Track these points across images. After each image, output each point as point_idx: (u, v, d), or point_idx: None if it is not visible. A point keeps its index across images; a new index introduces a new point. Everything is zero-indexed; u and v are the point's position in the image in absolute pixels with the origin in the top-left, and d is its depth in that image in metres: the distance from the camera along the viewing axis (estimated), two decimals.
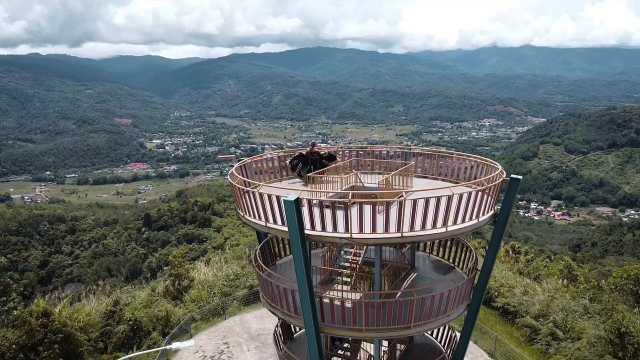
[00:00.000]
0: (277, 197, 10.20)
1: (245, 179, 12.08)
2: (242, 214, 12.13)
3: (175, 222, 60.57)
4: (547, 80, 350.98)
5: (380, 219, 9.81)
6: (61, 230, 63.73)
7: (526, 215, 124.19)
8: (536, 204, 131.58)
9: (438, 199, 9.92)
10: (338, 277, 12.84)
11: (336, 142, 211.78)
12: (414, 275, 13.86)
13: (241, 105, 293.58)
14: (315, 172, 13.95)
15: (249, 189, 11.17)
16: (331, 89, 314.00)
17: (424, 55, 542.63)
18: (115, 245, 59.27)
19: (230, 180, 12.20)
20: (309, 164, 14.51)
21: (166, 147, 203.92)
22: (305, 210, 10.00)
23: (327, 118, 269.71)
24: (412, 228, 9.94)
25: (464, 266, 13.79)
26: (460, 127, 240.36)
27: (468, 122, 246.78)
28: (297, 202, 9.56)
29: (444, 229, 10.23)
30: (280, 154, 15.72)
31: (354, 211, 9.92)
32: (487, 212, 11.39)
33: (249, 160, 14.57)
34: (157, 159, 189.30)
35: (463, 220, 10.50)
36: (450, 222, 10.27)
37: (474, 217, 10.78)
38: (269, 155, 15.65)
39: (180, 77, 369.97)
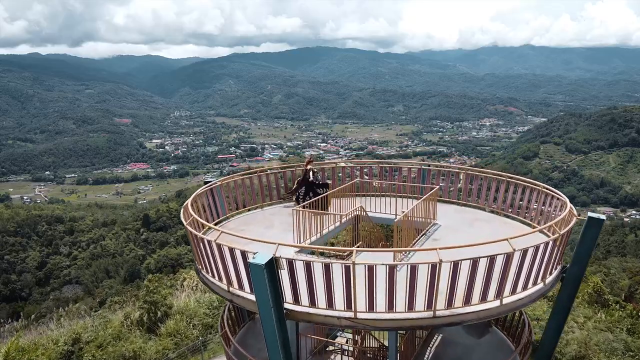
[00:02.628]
0: (243, 254, 7.38)
1: (200, 218, 9.24)
2: (199, 267, 9.22)
3: (174, 223, 60.15)
4: (547, 79, 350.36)
5: (400, 286, 6.93)
6: (59, 231, 63.35)
7: (526, 215, 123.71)
8: (537, 204, 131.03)
9: (491, 259, 7.05)
10: (336, 346, 10.60)
11: (336, 142, 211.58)
12: (438, 338, 10.80)
13: (241, 105, 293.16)
14: (305, 201, 11.77)
15: (201, 235, 8.35)
16: (331, 88, 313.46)
17: (424, 55, 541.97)
18: (113, 246, 58.88)
19: (183, 219, 9.36)
20: (304, 189, 12.55)
21: (166, 147, 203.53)
22: (285, 272, 7.04)
23: (327, 118, 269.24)
24: (450, 303, 7.09)
25: (513, 338, 10.62)
26: (461, 126, 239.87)
27: (468, 121, 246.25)
28: (273, 264, 6.86)
29: (497, 303, 7.38)
30: (260, 171, 13.53)
31: (360, 272, 6.84)
32: (555, 269, 8.65)
33: (219, 183, 11.95)
34: (156, 159, 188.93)
35: (525, 287, 7.72)
36: (507, 291, 7.44)
37: (539, 279, 8.00)
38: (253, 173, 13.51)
39: (180, 77, 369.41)
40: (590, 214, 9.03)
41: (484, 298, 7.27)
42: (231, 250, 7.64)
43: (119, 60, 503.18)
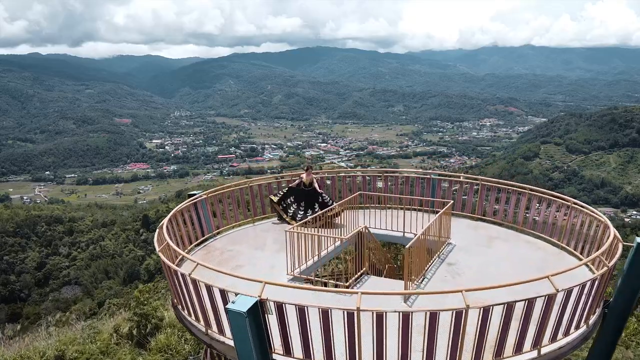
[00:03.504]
0: (222, 294, 6.26)
1: (175, 245, 7.97)
2: (175, 301, 8.17)
3: None
4: (547, 79, 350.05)
5: (417, 339, 5.74)
6: (59, 231, 63.21)
7: (527, 215, 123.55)
8: (538, 205, 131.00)
9: (530, 302, 5.93)
10: None
11: (336, 142, 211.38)
12: None
13: (241, 105, 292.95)
14: (302, 219, 10.68)
15: (174, 266, 7.25)
16: (331, 88, 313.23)
17: (425, 55, 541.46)
18: (112, 246, 58.74)
19: (156, 245, 8.28)
20: (301, 200, 11.55)
21: (166, 147, 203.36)
22: (271, 318, 5.87)
23: (327, 118, 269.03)
24: (478, 356, 5.95)
25: None
26: (461, 126, 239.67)
27: (469, 122, 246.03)
28: (257, 310, 5.73)
29: (534, 354, 6.27)
30: (251, 181, 12.32)
31: (366, 321, 5.66)
32: (597, 307, 7.44)
33: (204, 196, 10.81)
34: (156, 159, 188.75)
35: (567, 332, 6.61)
36: (545, 338, 6.33)
37: (582, 321, 6.85)
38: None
39: (181, 77, 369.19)
40: (638, 239, 7.74)
41: (518, 349, 6.09)
42: (208, 287, 6.42)
43: (119, 60, 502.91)
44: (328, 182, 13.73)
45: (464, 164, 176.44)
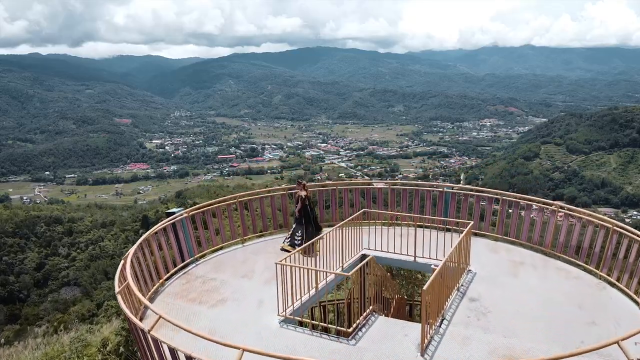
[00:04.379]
0: None
1: (142, 296, 6.48)
2: (139, 355, 7.25)
3: None
4: (547, 80, 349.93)
5: None
6: (58, 231, 63.09)
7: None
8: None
9: None
10: None
11: (336, 142, 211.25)
12: None
13: (241, 105, 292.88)
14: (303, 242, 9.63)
15: (134, 319, 5.96)
16: (331, 88, 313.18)
17: (425, 55, 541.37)
18: (112, 247, 58.63)
19: (116, 285, 6.95)
20: (308, 221, 10.35)
21: (166, 147, 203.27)
22: None
23: (327, 118, 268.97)
24: None
25: None
26: (461, 127, 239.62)
27: (469, 122, 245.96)
28: None
29: None
30: (240, 196, 10.97)
31: None
32: None
33: (185, 215, 9.66)
34: (156, 159, 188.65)
35: None
36: None
37: None
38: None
39: (181, 77, 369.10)
40: None
41: None
42: (172, 351, 5.21)
43: (119, 60, 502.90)
44: (326, 196, 12.53)
45: (464, 164, 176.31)
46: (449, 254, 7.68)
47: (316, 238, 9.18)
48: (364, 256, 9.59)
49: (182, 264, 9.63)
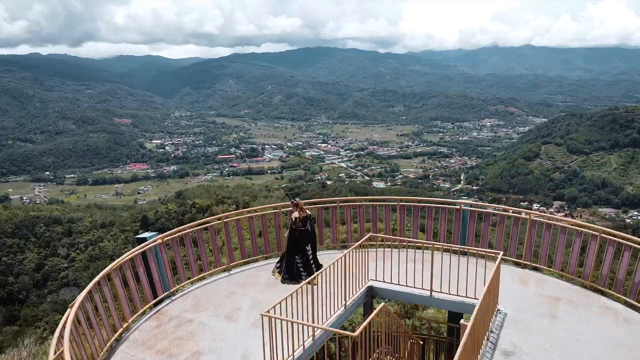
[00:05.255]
0: None
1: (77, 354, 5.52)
2: None
3: (172, 225, 59.74)
4: (548, 80, 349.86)
5: None
6: (57, 232, 62.96)
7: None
8: (538, 205, 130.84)
9: None
10: None
11: (337, 142, 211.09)
12: None
13: (241, 105, 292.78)
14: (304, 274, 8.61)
15: None
16: (332, 88, 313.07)
17: (425, 55, 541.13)
18: (111, 248, 58.50)
19: (51, 351, 5.61)
20: (302, 249, 8.94)
21: (166, 148, 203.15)
22: None
23: (327, 118, 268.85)
24: None
25: None
26: (461, 127, 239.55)
27: (469, 122, 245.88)
28: None
29: None
30: (226, 217, 9.76)
31: None
32: None
33: (159, 241, 8.45)
34: (156, 159, 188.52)
35: None
36: None
37: None
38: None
39: (181, 77, 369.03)
40: None
41: None
42: None
43: (119, 60, 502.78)
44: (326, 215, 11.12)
45: (465, 164, 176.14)
46: (479, 304, 6.09)
47: (303, 283, 7.19)
48: (370, 289, 8.51)
49: (154, 301, 8.18)
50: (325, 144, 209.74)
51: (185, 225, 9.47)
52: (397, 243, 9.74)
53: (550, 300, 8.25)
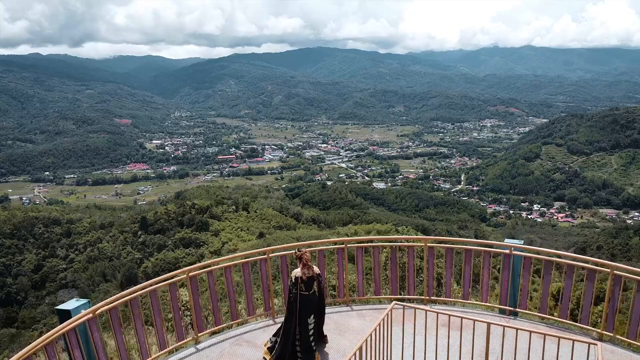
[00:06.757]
0: None
1: None
2: None
3: (172, 226, 59.45)
4: (548, 80, 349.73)
5: None
6: (56, 233, 62.67)
7: (529, 217, 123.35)
8: (539, 206, 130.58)
9: None
10: None
11: (337, 143, 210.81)
12: None
13: (242, 106, 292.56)
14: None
15: None
16: (332, 89, 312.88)
17: (425, 56, 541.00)
18: (110, 249, 58.20)
19: None
20: (304, 320, 6.43)
21: (166, 148, 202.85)
22: None
23: (327, 118, 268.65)
24: None
25: None
26: (462, 127, 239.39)
27: (469, 122, 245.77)
28: None
29: None
30: (190, 270, 7.07)
31: None
32: None
33: (89, 315, 5.87)
34: (156, 160, 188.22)
35: None
36: None
37: None
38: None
39: (181, 77, 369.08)
40: None
41: None
42: None
43: (120, 60, 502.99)
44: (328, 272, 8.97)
45: (465, 164, 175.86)
46: None
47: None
48: None
49: None
50: (325, 145, 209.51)
51: (133, 288, 6.66)
52: (425, 300, 7.89)
53: None
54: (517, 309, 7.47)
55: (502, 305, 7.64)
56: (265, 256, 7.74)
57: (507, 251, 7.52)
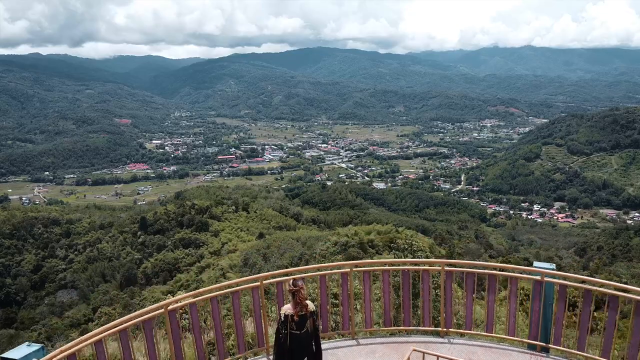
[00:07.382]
0: None
1: None
2: None
3: (171, 226, 59.30)
4: (548, 80, 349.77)
5: None
6: (56, 233, 62.52)
7: (529, 217, 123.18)
8: (539, 206, 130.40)
9: None
10: None
11: (337, 143, 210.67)
12: None
13: (242, 106, 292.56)
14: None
15: None
16: (332, 89, 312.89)
17: (425, 56, 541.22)
18: (110, 249, 58.06)
19: None
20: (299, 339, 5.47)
21: (166, 148, 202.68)
22: None
23: (327, 118, 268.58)
24: None
25: None
26: (462, 127, 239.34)
27: (469, 122, 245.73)
28: None
29: None
30: (167, 304, 5.98)
31: None
32: None
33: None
34: (156, 160, 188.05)
35: None
36: None
37: None
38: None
39: (181, 77, 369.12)
40: None
41: None
42: None
43: (120, 60, 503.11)
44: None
45: (465, 165, 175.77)
46: None
47: None
48: None
49: None
50: (325, 145, 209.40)
51: (101, 328, 5.55)
52: (441, 331, 6.98)
53: None
54: (549, 345, 6.56)
55: (531, 340, 6.71)
56: (259, 283, 6.70)
57: (539, 277, 6.51)
